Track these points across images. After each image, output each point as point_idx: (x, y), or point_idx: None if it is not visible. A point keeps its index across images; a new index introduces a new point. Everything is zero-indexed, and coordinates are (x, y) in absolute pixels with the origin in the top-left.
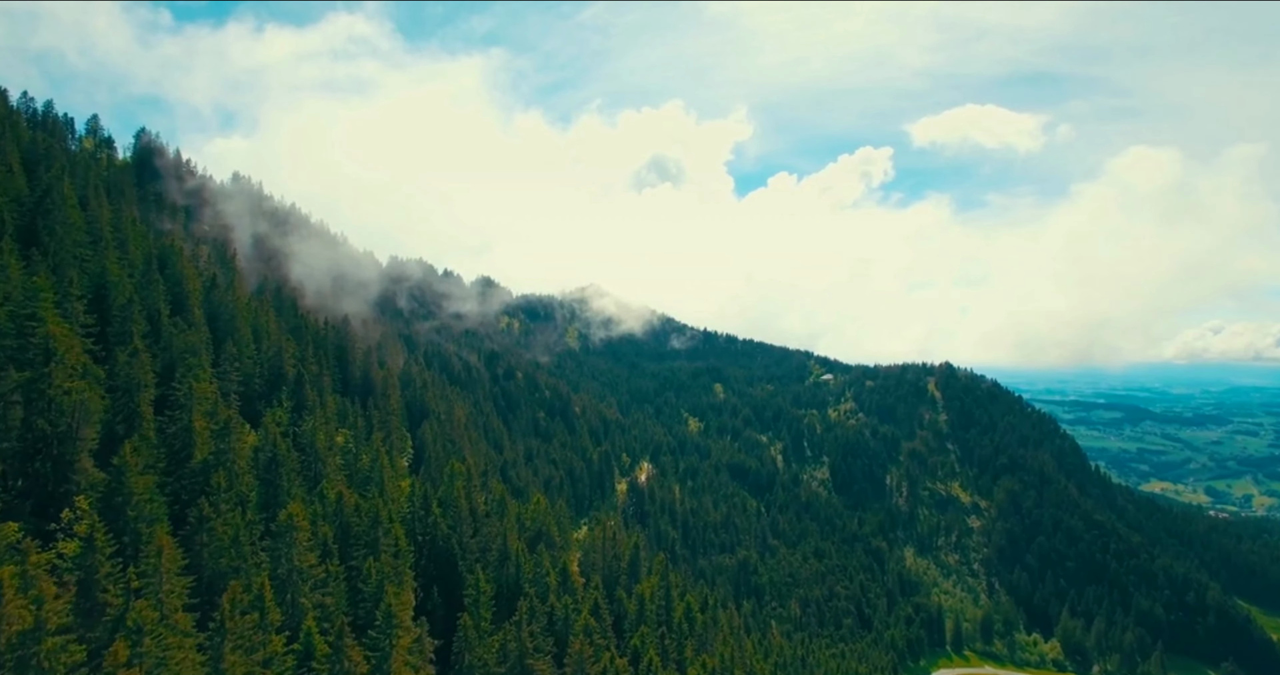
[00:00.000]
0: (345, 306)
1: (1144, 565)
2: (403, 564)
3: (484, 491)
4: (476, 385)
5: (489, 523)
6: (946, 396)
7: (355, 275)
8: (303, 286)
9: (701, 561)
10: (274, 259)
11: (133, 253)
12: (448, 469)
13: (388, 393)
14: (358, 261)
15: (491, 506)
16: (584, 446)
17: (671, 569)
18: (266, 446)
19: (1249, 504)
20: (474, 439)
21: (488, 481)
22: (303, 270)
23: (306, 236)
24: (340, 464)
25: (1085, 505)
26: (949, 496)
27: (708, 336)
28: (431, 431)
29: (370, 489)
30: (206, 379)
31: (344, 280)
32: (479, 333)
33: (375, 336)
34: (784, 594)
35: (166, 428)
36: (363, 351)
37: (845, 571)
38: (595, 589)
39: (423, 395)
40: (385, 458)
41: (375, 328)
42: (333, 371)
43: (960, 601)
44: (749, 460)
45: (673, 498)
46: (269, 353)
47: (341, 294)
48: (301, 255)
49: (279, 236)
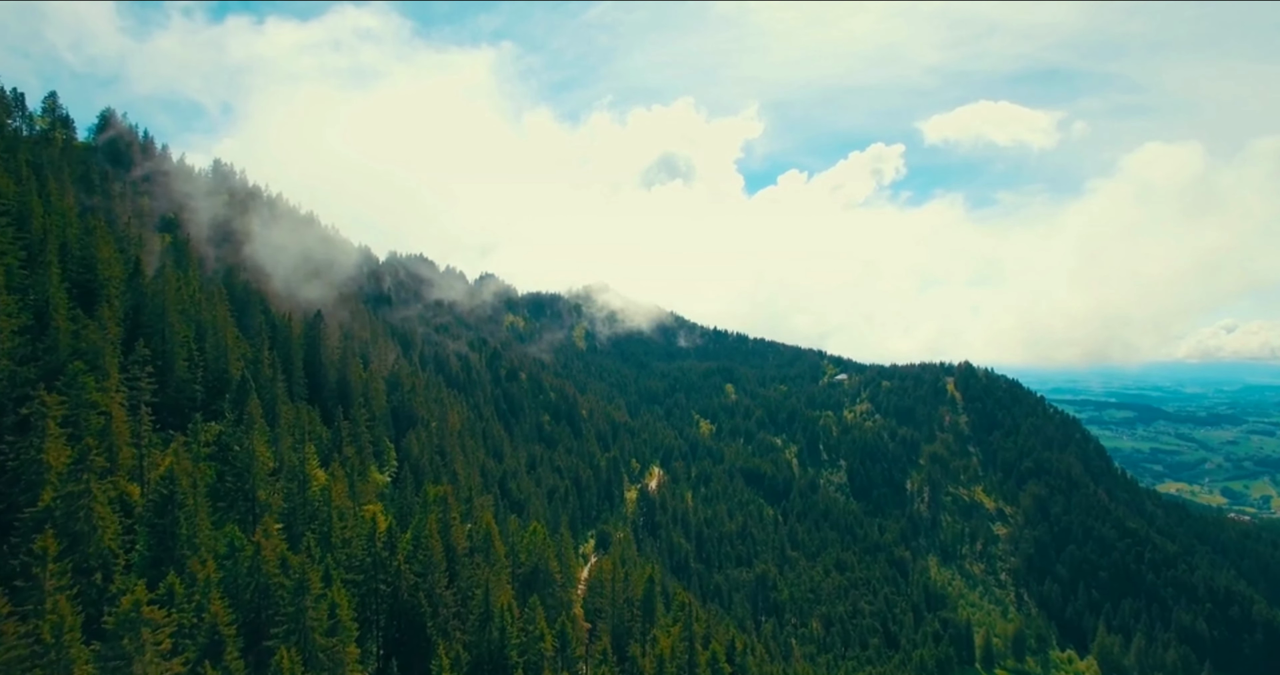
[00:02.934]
0: (328, 301)
1: (1182, 576)
2: (342, 643)
3: (469, 520)
4: (476, 387)
5: (470, 566)
6: (966, 397)
7: (342, 267)
8: (272, 277)
9: (717, 576)
10: (240, 246)
11: (35, 231)
12: (422, 496)
13: (369, 398)
14: (347, 253)
15: (477, 541)
16: (591, 452)
17: (690, 596)
18: (165, 482)
19: (1268, 505)
20: (470, 448)
21: (473, 508)
22: (277, 259)
23: (287, 224)
24: (283, 496)
25: (1117, 512)
26: (972, 502)
27: (718, 335)
28: (419, 442)
29: (313, 528)
30: (112, 387)
31: (328, 272)
32: (481, 331)
33: (364, 334)
34: (805, 611)
35: (7, 460)
36: (337, 351)
37: (868, 584)
38: (602, 642)
39: (410, 400)
40: (346, 482)
41: (365, 325)
42: (300, 374)
43: (989, 615)
44: (764, 464)
45: (685, 507)
46: (212, 353)
47: (324, 287)
48: (277, 244)
49: (251, 222)
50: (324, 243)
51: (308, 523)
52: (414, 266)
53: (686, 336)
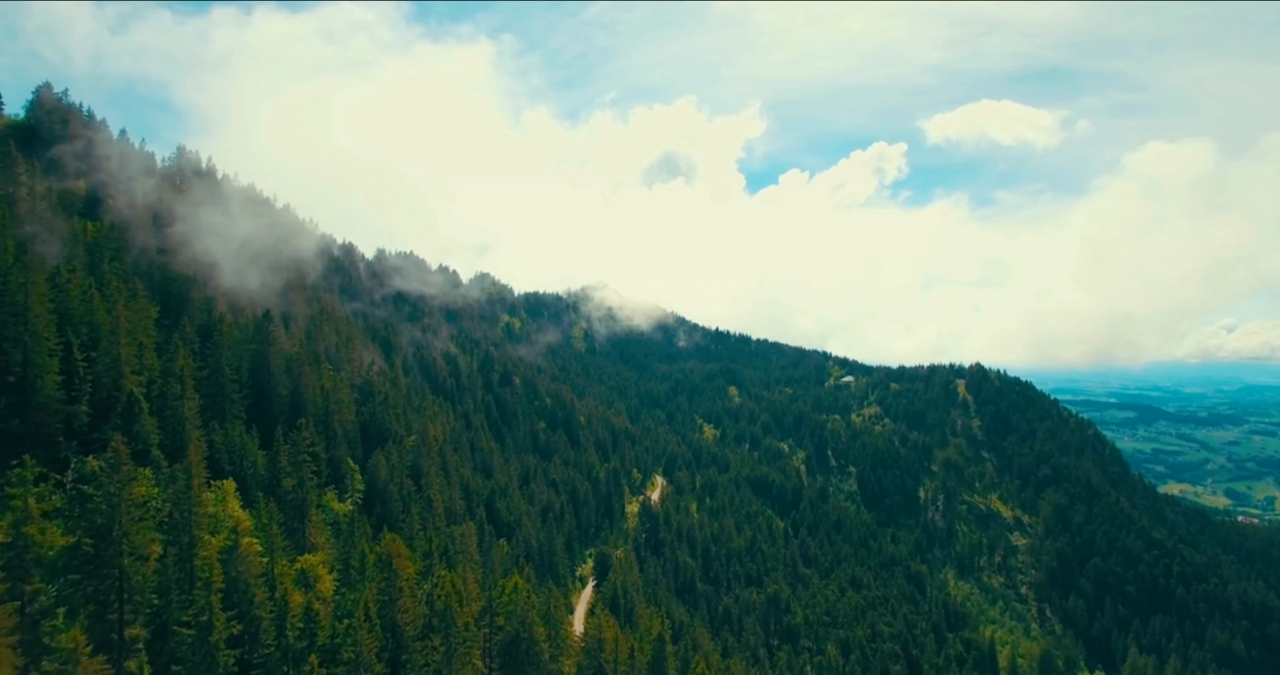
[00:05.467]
0: (297, 300)
1: (1214, 591)
2: None
3: (429, 577)
4: (466, 394)
5: (422, 651)
6: (978, 400)
7: (312, 262)
8: (222, 271)
9: (726, 599)
10: (184, 234)
11: None
12: (359, 551)
13: (332, 411)
14: (316, 245)
15: (442, 601)
16: (590, 463)
17: (694, 617)
18: None
19: (1272, 506)
20: (454, 465)
21: (433, 566)
22: (231, 251)
23: (246, 211)
24: (154, 568)
25: (1141, 521)
26: (989, 511)
27: (720, 335)
28: (388, 463)
29: (193, 615)
30: None
31: (296, 267)
32: (474, 333)
33: (334, 337)
34: (821, 635)
35: None
36: (300, 356)
37: (886, 603)
38: None
39: (383, 412)
40: (264, 538)
41: (340, 326)
42: (235, 386)
43: (1011, 633)
44: (771, 473)
45: (691, 521)
46: (104, 364)
47: (289, 284)
48: (234, 233)
49: (203, 208)
50: (291, 233)
51: (189, 606)
52: (402, 264)
53: (687, 337)
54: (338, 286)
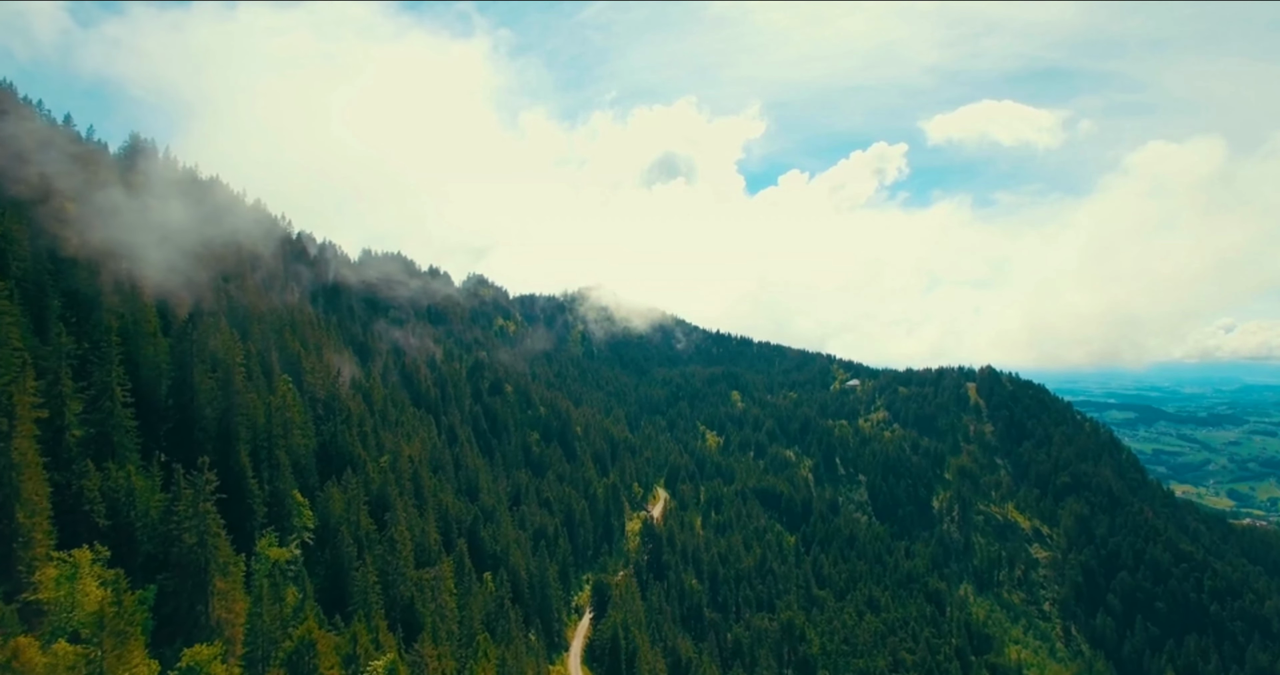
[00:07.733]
0: (256, 304)
1: (1251, 608)
2: None
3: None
4: (452, 404)
5: None
6: (991, 404)
7: (271, 257)
8: (151, 266)
9: (737, 628)
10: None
11: None
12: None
13: (275, 435)
14: (292, 242)
15: None
16: (587, 478)
17: (702, 651)
18: None
19: (1276, 508)
20: (432, 489)
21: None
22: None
23: (190, 200)
24: None
25: (1167, 532)
26: (1006, 522)
27: (720, 338)
28: (344, 496)
29: None
30: None
31: (251, 263)
32: (465, 337)
33: (296, 345)
34: (840, 666)
35: None
36: (239, 368)
37: (906, 626)
38: None
39: (344, 433)
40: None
41: (309, 331)
42: (125, 410)
43: (1036, 654)
44: (779, 483)
45: (696, 539)
46: None
47: (241, 281)
48: (173, 225)
49: (134, 195)
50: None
51: None
52: (386, 264)
53: (686, 339)
54: (308, 287)
